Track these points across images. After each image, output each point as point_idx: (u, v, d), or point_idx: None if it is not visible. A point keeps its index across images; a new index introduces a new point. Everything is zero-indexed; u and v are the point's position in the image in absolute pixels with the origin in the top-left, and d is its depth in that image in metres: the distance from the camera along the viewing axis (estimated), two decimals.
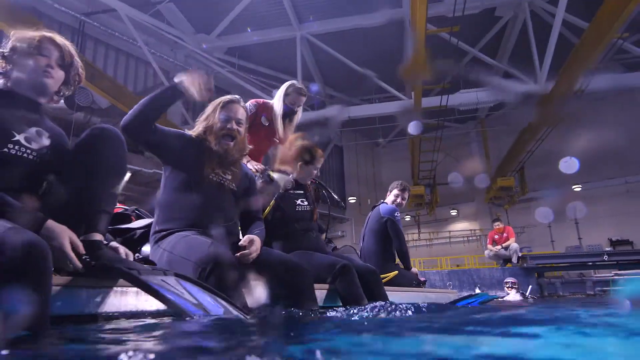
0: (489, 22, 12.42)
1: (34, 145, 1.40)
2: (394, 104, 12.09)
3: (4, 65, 1.43)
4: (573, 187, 14.99)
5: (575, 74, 8.97)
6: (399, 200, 3.75)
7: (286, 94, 3.04)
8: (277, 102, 3.05)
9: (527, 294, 6.61)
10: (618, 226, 14.23)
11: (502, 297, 6.25)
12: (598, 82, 9.86)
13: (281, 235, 2.41)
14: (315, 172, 2.64)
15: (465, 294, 4.09)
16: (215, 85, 13.91)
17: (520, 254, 8.45)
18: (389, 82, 12.29)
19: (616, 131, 14.16)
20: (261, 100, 3.18)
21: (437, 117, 12.06)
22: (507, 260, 8.49)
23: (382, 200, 3.84)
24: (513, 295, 6.42)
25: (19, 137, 1.37)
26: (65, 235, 1.18)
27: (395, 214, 3.47)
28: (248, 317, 1.35)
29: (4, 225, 1.02)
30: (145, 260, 1.67)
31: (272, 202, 2.43)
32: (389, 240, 3.45)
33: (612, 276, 9.62)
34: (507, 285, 6.59)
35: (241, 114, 1.97)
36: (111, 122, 11.03)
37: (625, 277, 7.53)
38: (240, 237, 1.88)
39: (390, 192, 3.85)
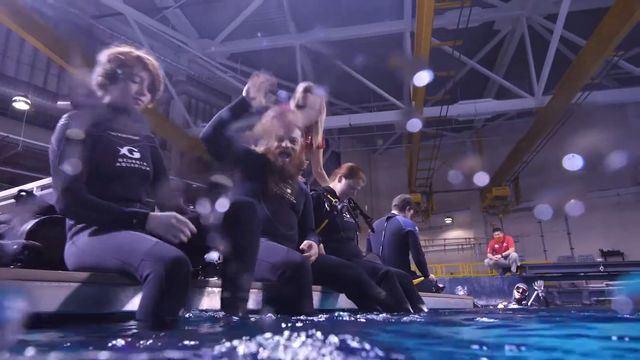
0: (487, 35, 12.74)
1: (136, 155, 1.57)
2: (395, 113, 12.30)
3: (104, 81, 1.57)
4: (566, 198, 15.30)
5: (571, 90, 9.26)
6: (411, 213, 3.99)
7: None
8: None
9: (529, 302, 6.81)
10: (609, 237, 14.57)
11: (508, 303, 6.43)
12: (593, 97, 10.20)
13: (330, 243, 2.58)
14: (355, 191, 2.86)
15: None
16: (218, 89, 14.08)
17: (519, 263, 8.68)
18: (388, 91, 12.53)
19: (608, 144, 14.57)
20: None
21: (435, 127, 12.35)
22: (507, 269, 8.72)
23: (393, 212, 4.01)
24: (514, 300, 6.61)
25: (124, 151, 1.53)
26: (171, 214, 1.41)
27: (415, 227, 3.67)
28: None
29: (149, 239, 1.25)
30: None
31: (326, 220, 2.62)
32: (406, 249, 3.64)
33: (604, 287, 9.91)
34: (519, 291, 6.79)
35: (296, 132, 2.13)
36: None
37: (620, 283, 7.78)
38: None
39: (403, 207, 4.03)
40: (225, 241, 1.45)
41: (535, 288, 6.92)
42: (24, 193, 1.82)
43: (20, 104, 8.55)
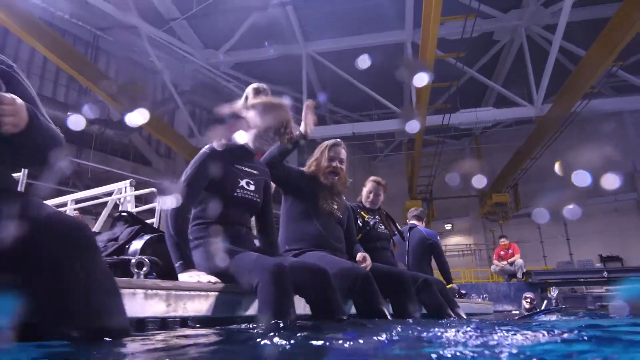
0: (486, 44, 12.99)
1: (251, 187, 1.84)
2: (397, 121, 12.49)
3: (244, 124, 1.90)
4: (565, 205, 15.53)
5: (571, 99, 9.49)
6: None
7: (245, 98, 3.07)
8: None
9: (541, 308, 6.95)
10: (607, 243, 14.78)
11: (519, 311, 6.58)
12: (591, 106, 10.44)
13: (366, 252, 2.73)
14: (381, 200, 3.02)
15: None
16: (222, 98, 14.20)
17: (524, 270, 8.85)
18: (389, 99, 12.75)
19: (605, 151, 14.84)
20: None
21: (435, 134, 12.56)
22: (512, 275, 8.88)
23: (414, 223, 4.16)
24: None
25: (242, 183, 1.81)
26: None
27: (438, 237, 3.84)
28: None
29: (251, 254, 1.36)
30: None
31: (360, 235, 2.78)
32: (429, 258, 3.80)
33: (605, 292, 10.08)
34: (527, 300, 6.95)
35: (343, 154, 2.32)
36: (123, 134, 11.21)
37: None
38: None
39: (422, 217, 4.20)
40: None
41: (550, 296, 7.08)
42: (125, 213, 1.96)
43: None
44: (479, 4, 8.21)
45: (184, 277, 1.50)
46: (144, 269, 1.47)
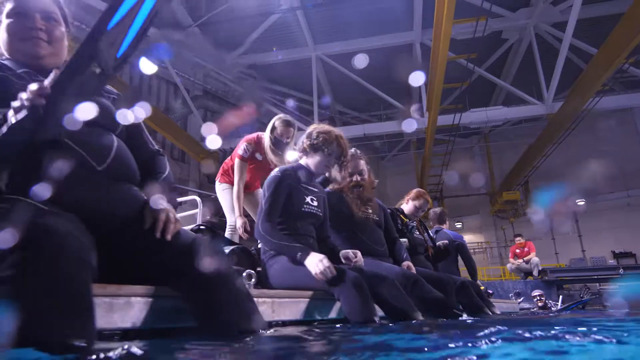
0: (495, 43, 13.03)
1: (315, 203, 2.10)
2: (407, 122, 12.53)
3: (307, 149, 2.15)
4: (576, 201, 15.54)
5: (583, 97, 9.52)
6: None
7: (273, 128, 3.20)
8: (266, 136, 3.24)
9: (558, 305, 7.04)
10: (620, 239, 14.76)
11: (532, 309, 6.66)
12: (601, 103, 10.46)
13: None
14: (422, 211, 3.17)
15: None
16: (232, 102, 14.35)
17: (540, 268, 8.91)
18: (398, 99, 12.82)
19: (617, 147, 14.85)
20: (253, 136, 3.38)
21: (444, 133, 12.65)
22: (528, 273, 8.95)
23: (439, 226, 4.28)
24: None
25: (308, 199, 2.07)
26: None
27: (464, 239, 3.97)
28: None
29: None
30: None
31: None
32: (455, 259, 3.92)
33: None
34: (536, 299, 7.03)
35: (362, 165, 2.48)
36: None
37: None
38: None
39: (443, 220, 4.33)
40: None
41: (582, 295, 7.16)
42: (203, 226, 2.11)
43: None
44: (491, 5, 8.28)
45: (312, 260, 1.75)
46: (252, 280, 1.73)
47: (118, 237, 1.08)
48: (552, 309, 6.90)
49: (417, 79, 11.87)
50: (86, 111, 0.93)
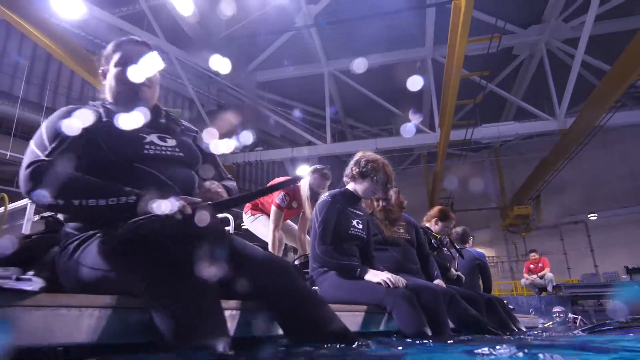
0: (506, 59, 13.17)
1: (360, 226, 2.28)
2: (419, 136, 12.66)
3: (355, 175, 2.33)
4: (589, 215, 15.48)
5: (596, 113, 9.59)
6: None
7: (312, 180, 3.45)
8: (304, 187, 3.47)
9: (576, 322, 7.02)
10: (633, 254, 14.62)
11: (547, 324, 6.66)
12: (615, 119, 10.51)
13: None
14: (448, 229, 3.29)
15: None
16: (242, 119, 14.59)
17: (555, 283, 8.91)
18: (408, 113, 12.98)
19: (629, 161, 14.83)
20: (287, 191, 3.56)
21: (454, 148, 12.74)
22: (543, 288, 8.95)
23: (462, 245, 4.38)
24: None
25: (354, 222, 2.24)
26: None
27: (486, 258, 4.06)
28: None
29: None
30: None
31: (435, 252, 3.04)
32: (477, 276, 4.03)
33: None
34: (555, 315, 7.04)
35: (385, 190, 2.60)
36: None
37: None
38: None
39: (465, 239, 4.43)
40: None
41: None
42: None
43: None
44: (505, 23, 8.43)
45: (373, 273, 1.99)
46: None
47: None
48: (576, 323, 6.87)
49: (415, 83, 12.00)
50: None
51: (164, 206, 1.05)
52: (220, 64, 11.23)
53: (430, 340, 1.67)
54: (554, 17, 11.13)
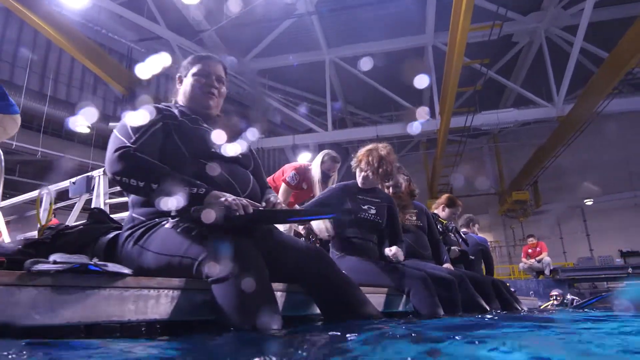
0: (505, 46, 13.22)
1: (372, 211, 2.38)
2: (420, 124, 12.77)
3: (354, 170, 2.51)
4: (585, 201, 15.73)
5: (593, 100, 9.72)
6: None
7: (322, 162, 3.50)
8: (315, 169, 3.51)
9: (573, 302, 7.28)
10: (627, 238, 14.90)
11: (546, 305, 6.91)
12: (612, 106, 10.65)
13: None
14: (454, 215, 3.44)
15: None
16: (246, 104, 14.65)
17: (552, 267, 9.17)
18: (409, 101, 13.08)
19: (624, 148, 15.02)
20: (300, 165, 3.69)
21: (454, 134, 12.87)
22: (540, 272, 9.22)
23: (465, 230, 4.56)
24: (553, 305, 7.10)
25: (365, 207, 2.40)
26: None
27: (488, 243, 4.25)
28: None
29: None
30: None
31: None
32: (479, 261, 4.21)
33: (625, 287, 10.30)
34: (553, 298, 7.29)
35: (395, 178, 2.74)
36: None
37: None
38: None
39: (468, 224, 4.59)
40: None
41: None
42: None
43: (82, 128, 9.20)
44: (506, 11, 8.50)
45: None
46: None
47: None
48: (573, 304, 7.11)
49: (422, 81, 12.11)
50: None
51: (230, 200, 1.21)
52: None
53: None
54: (553, 5, 11.20)
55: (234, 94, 14.08)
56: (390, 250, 2.25)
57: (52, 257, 0.95)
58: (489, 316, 2.16)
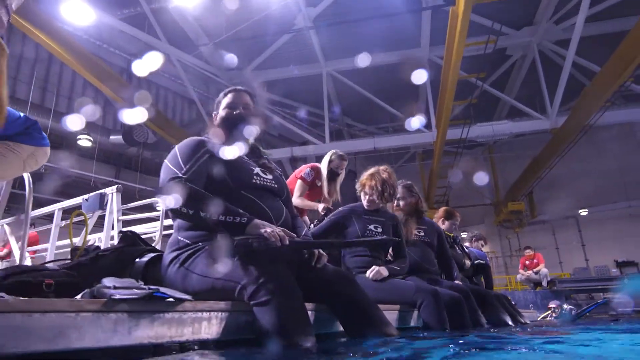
0: (499, 59, 13.47)
1: (379, 229, 2.53)
2: (416, 136, 12.95)
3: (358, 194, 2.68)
4: (579, 211, 15.91)
5: (586, 113, 9.92)
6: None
7: (330, 161, 3.72)
8: (323, 168, 3.73)
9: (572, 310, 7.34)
10: (622, 248, 15.09)
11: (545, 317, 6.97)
12: (605, 118, 10.87)
13: None
14: (454, 227, 3.54)
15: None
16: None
17: (549, 278, 9.28)
18: (404, 112, 13.25)
19: (618, 158, 15.26)
20: (316, 164, 3.87)
21: (450, 146, 13.05)
22: (538, 283, 9.32)
23: (466, 245, 4.67)
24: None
25: (371, 227, 2.55)
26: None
27: (487, 258, 4.36)
28: None
29: (411, 282, 1.95)
30: None
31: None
32: (479, 275, 4.32)
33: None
34: (552, 309, 7.35)
35: (399, 192, 2.86)
36: (159, 154, 11.76)
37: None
38: None
39: (471, 240, 4.70)
40: None
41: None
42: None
43: (84, 141, 9.26)
44: (501, 26, 8.70)
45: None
46: None
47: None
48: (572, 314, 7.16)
49: (419, 77, 12.25)
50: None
51: (269, 231, 1.31)
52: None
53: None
54: (545, 20, 11.45)
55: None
56: (371, 272, 2.37)
57: (106, 282, 1.03)
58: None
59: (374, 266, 2.36)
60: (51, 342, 0.83)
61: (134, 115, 9.36)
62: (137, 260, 1.55)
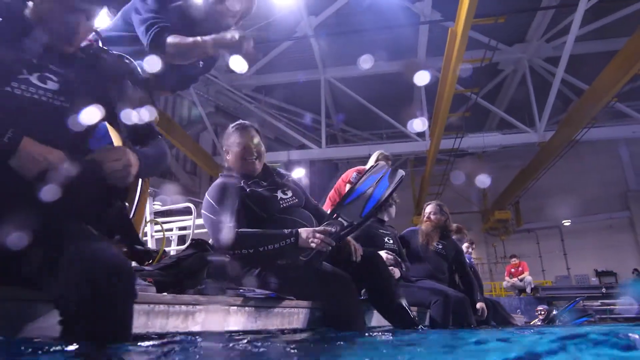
0: (491, 73, 13.94)
1: (390, 242, 2.58)
2: (410, 144, 13.35)
3: None
4: (563, 221, 16.50)
5: (573, 129, 10.41)
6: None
7: (377, 160, 3.79)
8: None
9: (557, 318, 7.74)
10: (602, 258, 15.71)
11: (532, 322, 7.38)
12: (590, 134, 11.38)
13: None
14: (460, 243, 3.92)
15: None
16: (242, 118, 14.99)
17: (533, 285, 9.75)
18: (398, 119, 13.65)
19: (600, 172, 15.89)
20: (362, 168, 4.04)
21: (441, 154, 13.48)
22: (522, 290, 9.78)
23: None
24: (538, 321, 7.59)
25: (386, 239, 2.81)
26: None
27: (472, 260, 4.72)
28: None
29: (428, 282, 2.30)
30: None
31: None
32: None
33: (600, 305, 10.93)
34: (539, 313, 7.78)
35: (434, 208, 3.17)
36: None
37: None
38: None
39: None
40: None
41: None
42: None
43: None
44: (497, 43, 9.11)
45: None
46: None
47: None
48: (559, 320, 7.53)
49: (422, 78, 12.56)
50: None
51: (317, 242, 1.62)
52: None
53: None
54: (536, 38, 11.95)
55: (232, 109, 14.42)
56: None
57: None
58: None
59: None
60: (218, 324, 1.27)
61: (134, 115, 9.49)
62: (211, 262, 1.83)
